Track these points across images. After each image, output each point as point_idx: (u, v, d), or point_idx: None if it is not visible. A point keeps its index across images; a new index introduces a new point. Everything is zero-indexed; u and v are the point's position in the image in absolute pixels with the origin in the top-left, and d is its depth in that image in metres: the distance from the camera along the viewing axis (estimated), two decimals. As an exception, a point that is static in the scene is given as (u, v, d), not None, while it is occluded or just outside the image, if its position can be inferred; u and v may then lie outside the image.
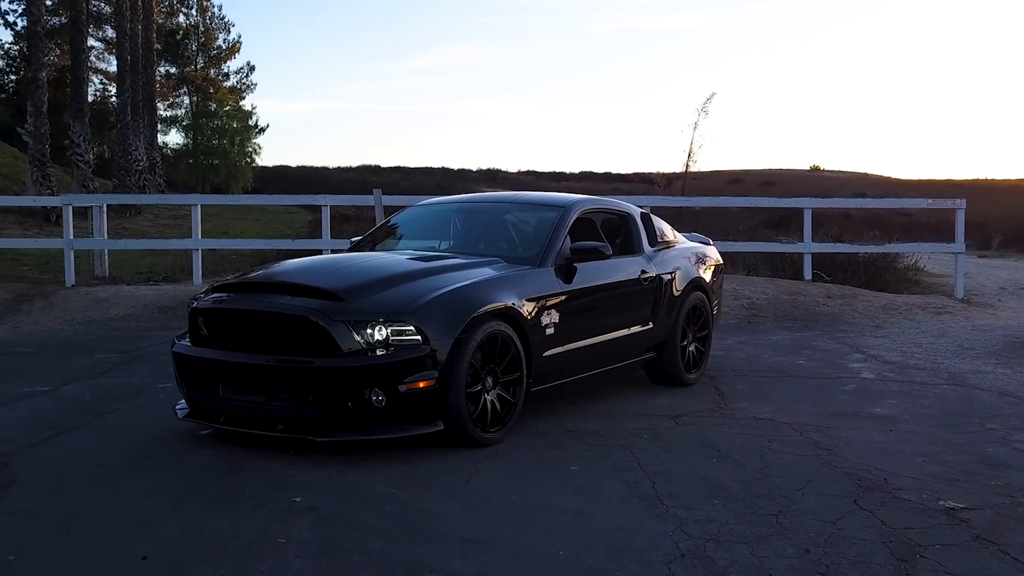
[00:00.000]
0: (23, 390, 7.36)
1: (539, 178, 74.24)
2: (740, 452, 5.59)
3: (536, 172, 78.55)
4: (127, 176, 28.34)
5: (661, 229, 7.79)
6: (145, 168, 30.89)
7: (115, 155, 29.39)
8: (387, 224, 7.53)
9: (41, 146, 22.42)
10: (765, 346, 9.85)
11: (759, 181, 65.36)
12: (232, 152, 45.37)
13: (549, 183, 65.89)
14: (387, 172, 69.69)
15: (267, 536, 4.06)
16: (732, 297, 13.05)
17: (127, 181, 28.30)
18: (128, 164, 28.41)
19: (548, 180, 70.61)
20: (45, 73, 23.49)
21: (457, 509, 4.46)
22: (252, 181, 46.48)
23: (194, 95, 47.04)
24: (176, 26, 46.49)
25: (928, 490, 4.91)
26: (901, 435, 6.13)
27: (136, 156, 29.82)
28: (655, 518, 4.39)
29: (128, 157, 28.43)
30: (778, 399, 7.17)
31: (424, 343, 5.25)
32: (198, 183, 43.97)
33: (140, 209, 28.10)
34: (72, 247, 13.98)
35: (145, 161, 31.04)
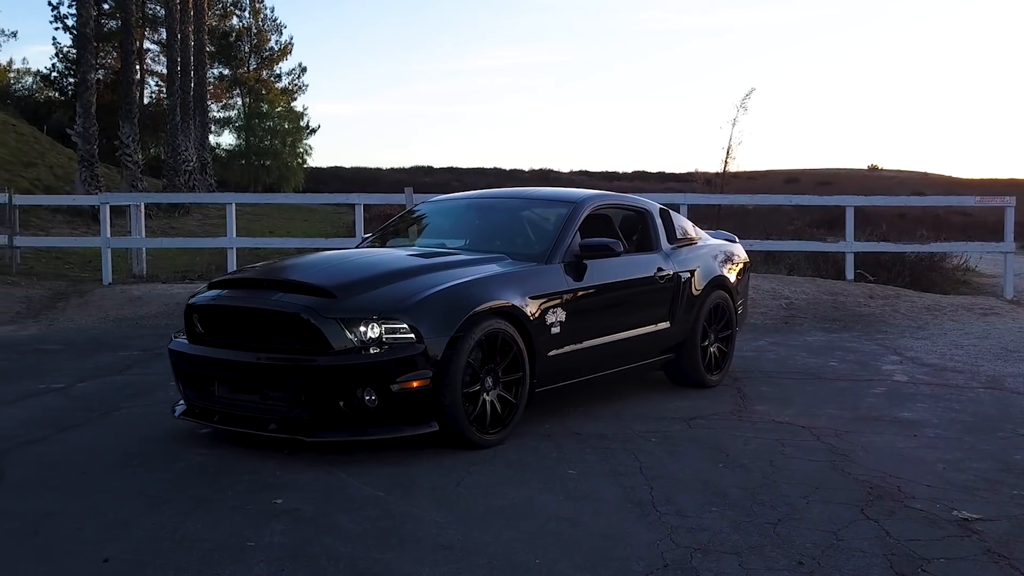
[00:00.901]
0: (38, 387, 7.35)
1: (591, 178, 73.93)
2: (750, 457, 5.36)
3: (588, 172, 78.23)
4: (176, 176, 28.65)
5: (682, 226, 7.56)
6: (195, 168, 31.22)
7: (164, 155, 29.72)
8: (397, 221, 7.40)
9: (90, 147, 22.70)
10: (798, 347, 9.57)
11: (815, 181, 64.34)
12: (283, 153, 45.72)
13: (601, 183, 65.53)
14: (439, 173, 69.86)
15: (237, 539, 3.94)
16: (770, 297, 12.77)
17: (176, 181, 28.61)
18: (177, 164, 28.72)
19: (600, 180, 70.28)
20: (94, 75, 23.79)
21: (440, 513, 4.30)
22: (303, 181, 46.80)
23: (246, 96, 47.51)
24: (229, 28, 46.99)
25: (943, 499, 4.64)
26: (925, 440, 5.86)
27: (186, 156, 30.14)
28: (645, 525, 4.19)
29: (177, 157, 28.73)
30: (802, 402, 6.91)
31: (418, 341, 5.10)
32: (250, 184, 44.39)
33: (189, 209, 28.41)
34: (109, 246, 14.08)
35: (195, 161, 31.36)
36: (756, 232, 18.86)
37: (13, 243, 15.02)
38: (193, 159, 31.05)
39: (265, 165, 45.60)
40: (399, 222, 7.38)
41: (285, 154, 45.78)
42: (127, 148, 25.45)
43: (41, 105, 48.33)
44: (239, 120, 47.26)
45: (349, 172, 64.80)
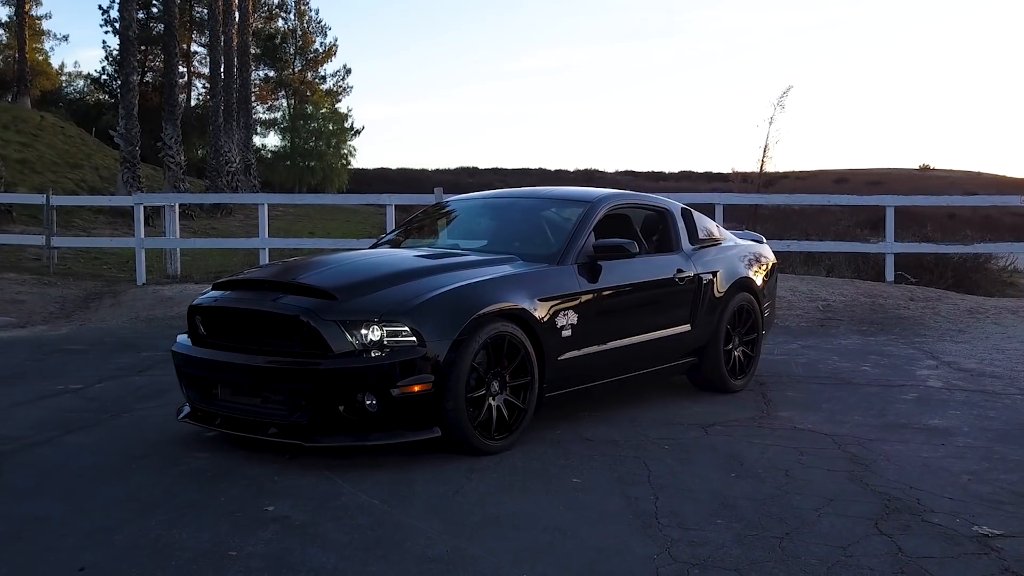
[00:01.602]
0: (56, 387, 7.34)
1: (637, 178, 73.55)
2: (765, 466, 5.16)
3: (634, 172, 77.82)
4: (219, 177, 28.86)
5: (705, 227, 7.36)
6: (239, 169, 31.44)
7: (208, 157, 29.95)
8: (411, 221, 7.28)
9: (132, 148, 22.91)
10: (831, 351, 9.31)
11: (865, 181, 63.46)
12: (327, 154, 45.96)
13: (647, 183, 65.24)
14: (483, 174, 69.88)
15: (220, 548, 3.83)
16: (807, 299, 12.50)
17: (219, 182, 28.82)
18: (220, 165, 28.93)
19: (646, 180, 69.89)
20: (137, 77, 24.00)
21: (433, 523, 4.17)
22: (347, 182, 47.01)
23: (291, 98, 47.84)
24: (274, 30, 47.34)
25: (964, 513, 4.41)
26: (953, 450, 5.61)
27: (229, 158, 30.35)
28: (644, 538, 4.02)
29: (220, 159, 28.94)
30: (828, 408, 6.68)
31: (420, 345, 4.97)
32: (295, 185, 44.70)
33: (232, 209, 28.62)
34: (143, 246, 14.16)
35: (238, 163, 31.58)
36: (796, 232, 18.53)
37: (51, 243, 15.15)
38: (236, 160, 31.26)
39: (309, 166, 45.87)
40: (413, 223, 7.26)
41: (329, 155, 46.01)
42: (170, 149, 25.66)
43: (91, 107, 49.12)
44: (284, 122, 47.57)
45: (394, 173, 65.06)
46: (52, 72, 51.74)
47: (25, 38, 38.08)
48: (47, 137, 30.39)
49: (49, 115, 35.20)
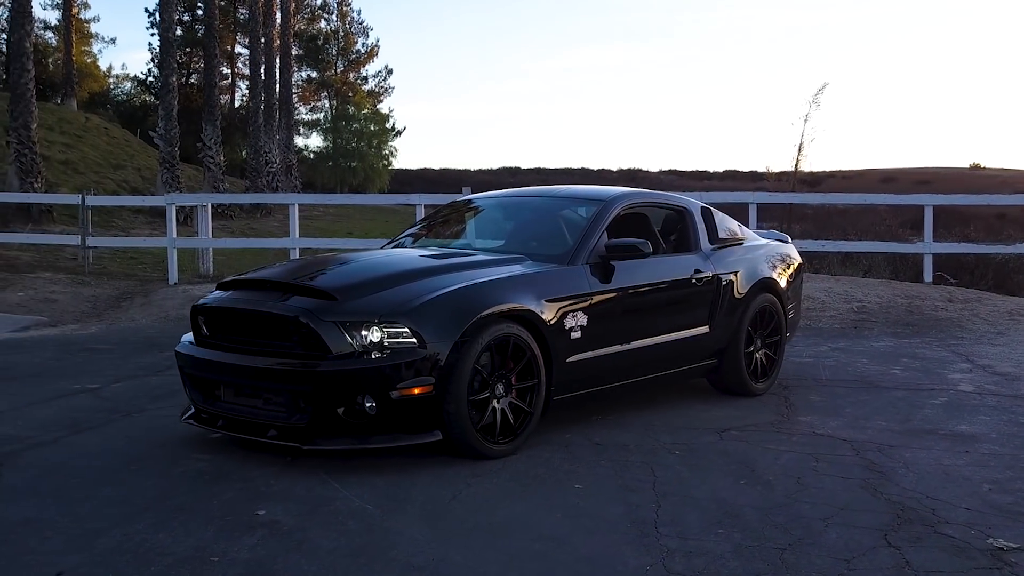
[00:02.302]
0: (73, 387, 7.34)
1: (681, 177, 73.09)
2: (777, 473, 5.00)
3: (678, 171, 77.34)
4: (259, 177, 29.05)
5: (726, 226, 7.18)
6: (279, 170, 31.63)
7: (247, 157, 30.16)
8: (423, 221, 7.18)
9: (171, 148, 23.11)
10: (861, 353, 9.08)
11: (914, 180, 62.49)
12: (369, 155, 46.12)
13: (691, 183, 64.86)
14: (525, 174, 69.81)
15: (203, 553, 3.76)
16: (842, 300, 12.26)
17: (259, 182, 29.01)
18: (260, 166, 29.12)
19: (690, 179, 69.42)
20: (175, 78, 24.22)
21: (423, 530, 4.06)
22: (388, 183, 47.16)
23: (334, 99, 48.07)
24: (316, 31, 47.59)
25: (980, 524, 4.23)
26: (977, 457, 5.41)
27: (269, 158, 30.54)
28: (638, 548, 3.88)
29: (260, 159, 29.13)
30: (851, 413, 6.49)
31: (420, 346, 4.87)
32: (337, 185, 44.92)
33: (272, 210, 28.81)
34: (175, 246, 14.23)
35: (279, 163, 31.77)
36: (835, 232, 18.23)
37: (86, 243, 15.29)
38: (276, 161, 31.45)
39: (351, 167, 46.07)
40: (426, 223, 7.17)
41: (371, 156, 46.17)
42: (209, 150, 25.88)
43: (137, 109, 49.77)
44: (326, 123, 47.83)
45: (436, 174, 65.22)
46: (100, 74, 52.54)
47: (72, 41, 38.64)
48: (91, 138, 30.81)
49: (94, 117, 35.71)
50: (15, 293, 13.09)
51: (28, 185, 19.52)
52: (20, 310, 12.30)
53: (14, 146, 19.62)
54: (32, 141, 19.75)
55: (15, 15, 19.70)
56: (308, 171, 44.59)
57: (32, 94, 19.80)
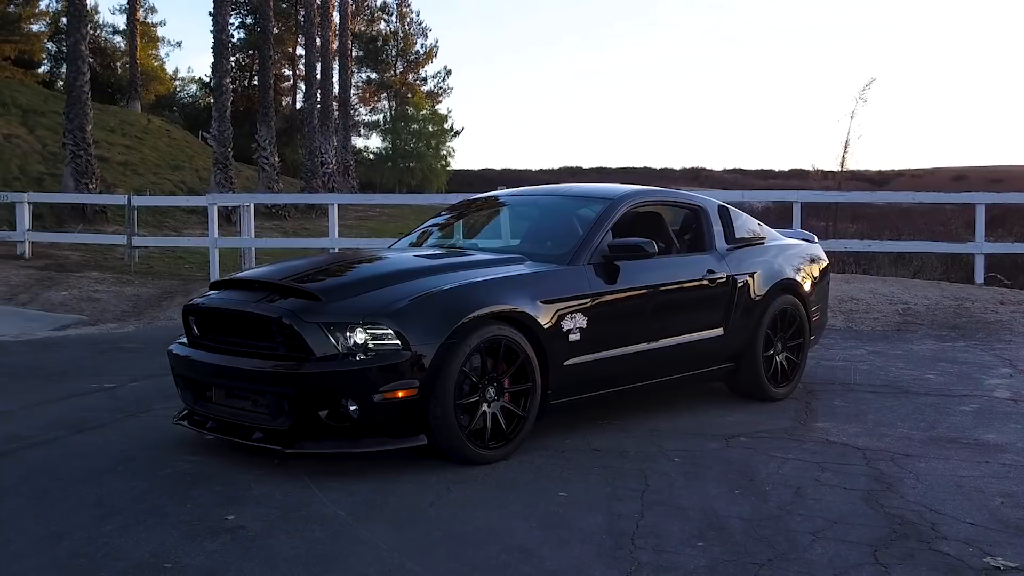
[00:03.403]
0: (90, 386, 7.37)
1: (745, 176, 72.25)
2: (775, 483, 4.79)
3: (742, 170, 76.43)
4: (313, 178, 29.25)
5: (746, 225, 6.94)
6: (335, 171, 31.84)
7: (302, 158, 30.42)
8: (434, 221, 7.06)
9: (224, 149, 23.37)
10: (899, 357, 8.76)
11: (986, 178, 60.90)
12: (427, 155, 46.27)
13: (755, 181, 64.09)
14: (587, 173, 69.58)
15: (157, 560, 3.68)
16: (887, 301, 11.90)
17: (313, 183, 29.21)
18: (314, 167, 29.32)
19: (754, 178, 68.59)
20: (229, 80, 24.48)
21: (391, 538, 3.94)
22: (446, 183, 47.29)
23: (393, 100, 48.32)
24: (376, 33, 47.87)
25: (981, 541, 3.98)
26: (996, 468, 5.13)
27: (325, 159, 30.75)
28: (608, 561, 3.72)
29: (314, 160, 29.33)
30: (873, 419, 6.23)
31: (404, 348, 4.75)
32: (395, 186, 45.13)
33: (326, 210, 28.97)
34: (216, 245, 14.36)
35: (335, 164, 31.98)
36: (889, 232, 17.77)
37: (131, 243, 15.48)
38: (332, 162, 31.66)
39: (409, 167, 46.26)
40: (435, 222, 7.04)
41: (429, 156, 46.31)
42: (264, 151, 26.13)
43: (201, 111, 50.56)
44: (386, 123, 48.10)
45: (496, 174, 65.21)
46: (166, 77, 53.48)
47: (136, 44, 39.38)
48: (152, 140, 31.32)
49: (157, 118, 36.33)
50: (60, 292, 13.29)
51: (83, 186, 19.85)
52: (62, 309, 12.47)
53: (69, 148, 19.98)
54: (87, 143, 20.09)
55: (71, 19, 20.06)
56: (367, 172, 44.87)
57: (87, 96, 20.14)
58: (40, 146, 24.71)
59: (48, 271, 14.75)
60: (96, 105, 33.27)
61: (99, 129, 28.73)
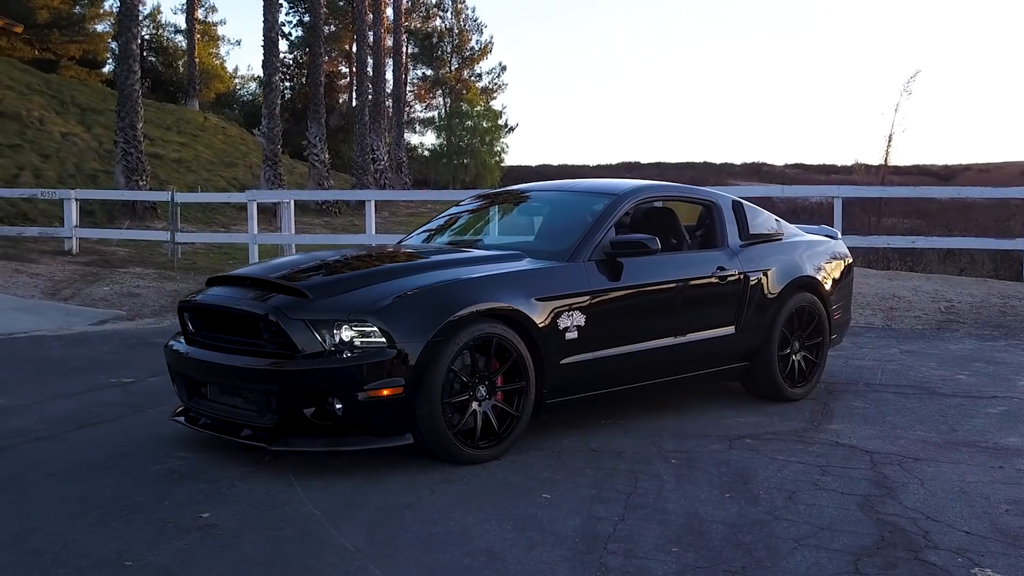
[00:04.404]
0: (109, 380, 7.43)
1: (806, 171, 71.07)
2: (770, 487, 4.64)
3: (804, 165, 75.19)
4: (364, 175, 29.40)
5: (761, 221, 6.76)
6: (387, 167, 31.99)
7: (353, 154, 30.60)
8: (443, 217, 6.99)
9: (274, 146, 23.58)
10: (932, 356, 8.50)
11: (1060, 171, 59.24)
12: (481, 152, 46.30)
13: (817, 176, 62.97)
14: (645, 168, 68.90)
15: (120, 558, 3.66)
16: (930, 299, 11.58)
17: (364, 179, 29.36)
18: (365, 163, 29.46)
19: (816, 173, 67.40)
20: (278, 77, 24.69)
21: (359, 539, 3.88)
22: (500, 179, 47.27)
23: (447, 96, 48.42)
24: (432, 29, 48.01)
25: (973, 551, 3.81)
26: (1010, 474, 4.93)
27: (377, 156, 30.90)
28: (574, 566, 3.62)
29: (365, 156, 29.48)
30: (891, 421, 6.04)
31: (389, 346, 4.68)
32: (449, 182, 45.21)
33: (378, 206, 29.12)
34: (255, 241, 14.47)
35: (386, 160, 32.13)
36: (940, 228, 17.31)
37: (175, 239, 15.68)
38: (384, 158, 31.81)
39: (463, 163, 46.33)
40: (443, 219, 6.97)
41: (482, 153, 46.33)
42: (314, 148, 26.32)
43: (260, 108, 51.09)
44: (440, 120, 48.24)
45: (554, 170, 65.00)
46: (226, 75, 54.17)
47: (195, 43, 39.94)
48: (207, 137, 31.73)
49: (213, 116, 36.80)
50: (102, 287, 13.49)
51: (133, 183, 20.16)
52: (102, 304, 12.65)
53: (120, 145, 20.30)
54: (138, 140, 20.39)
55: (122, 19, 20.37)
56: (421, 168, 45.05)
57: (138, 95, 20.44)
58: (97, 144, 25.15)
59: (93, 267, 14.99)
60: (153, 103, 33.87)
61: (155, 127, 29.22)
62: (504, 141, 47.87)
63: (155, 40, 49.58)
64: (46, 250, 16.41)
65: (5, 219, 18.51)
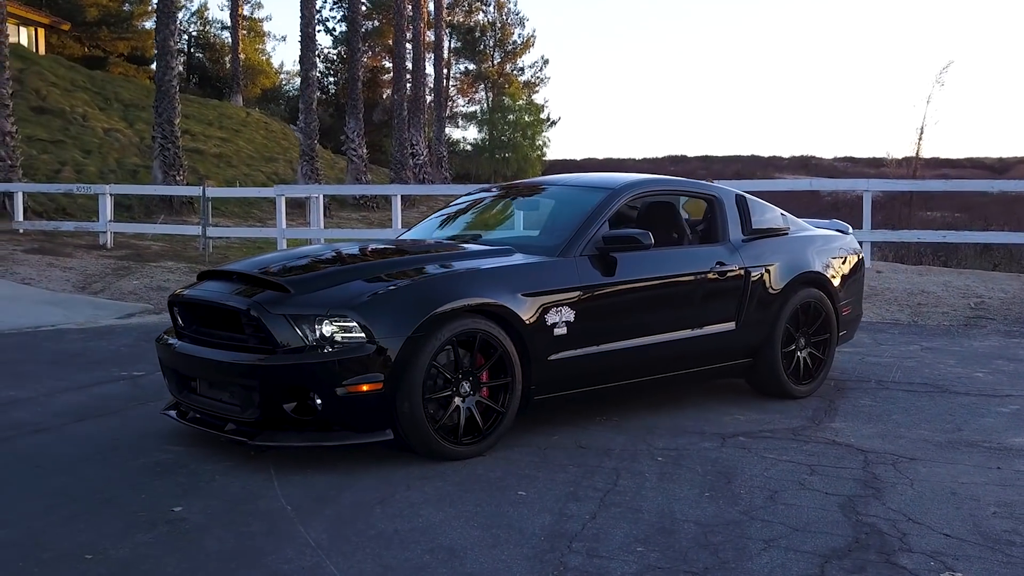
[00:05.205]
0: (120, 373, 7.50)
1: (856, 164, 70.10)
2: (753, 486, 4.56)
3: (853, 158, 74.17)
4: (403, 169, 29.51)
5: (765, 215, 6.64)
6: (426, 162, 32.06)
7: (391, 149, 30.71)
8: (444, 212, 6.96)
9: (310, 141, 23.74)
10: (954, 354, 8.32)
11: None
12: (523, 146, 46.25)
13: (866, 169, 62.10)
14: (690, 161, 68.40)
15: (82, 551, 3.68)
16: (960, 295, 11.37)
17: (403, 174, 29.47)
18: (403, 158, 29.57)
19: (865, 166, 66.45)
20: (316, 72, 24.85)
21: (322, 535, 3.87)
22: (541, 174, 47.23)
23: (490, 91, 48.41)
24: (474, 24, 48.02)
25: (948, 555, 3.71)
26: (1007, 475, 4.80)
27: (416, 150, 30.99)
28: (533, 564, 3.57)
29: (403, 151, 29.58)
30: (895, 420, 5.92)
31: (369, 342, 4.67)
32: (490, 176, 45.23)
33: (415, 201, 29.25)
34: (284, 236, 14.57)
35: (426, 155, 32.20)
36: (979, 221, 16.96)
37: (206, 233, 15.84)
38: (423, 153, 31.89)
39: (505, 158, 46.32)
40: (443, 214, 6.94)
41: (524, 147, 46.28)
42: (352, 143, 26.46)
43: (304, 104, 51.54)
44: (483, 114, 48.25)
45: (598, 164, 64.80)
46: (272, 71, 54.69)
47: (238, 39, 40.34)
48: (248, 132, 32.05)
49: (255, 112, 37.15)
50: (132, 281, 13.67)
51: (170, 178, 20.41)
52: (131, 298, 12.82)
53: (158, 141, 20.56)
54: (175, 136, 20.64)
55: (160, 15, 20.62)
56: (463, 163, 45.11)
57: (175, 91, 20.68)
58: (138, 139, 25.51)
59: (126, 260, 15.19)
60: (197, 99, 34.28)
61: (197, 122, 29.57)
62: (546, 135, 47.81)
63: (202, 36, 50.20)
64: (81, 244, 16.67)
65: (44, 213, 18.84)
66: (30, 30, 34.84)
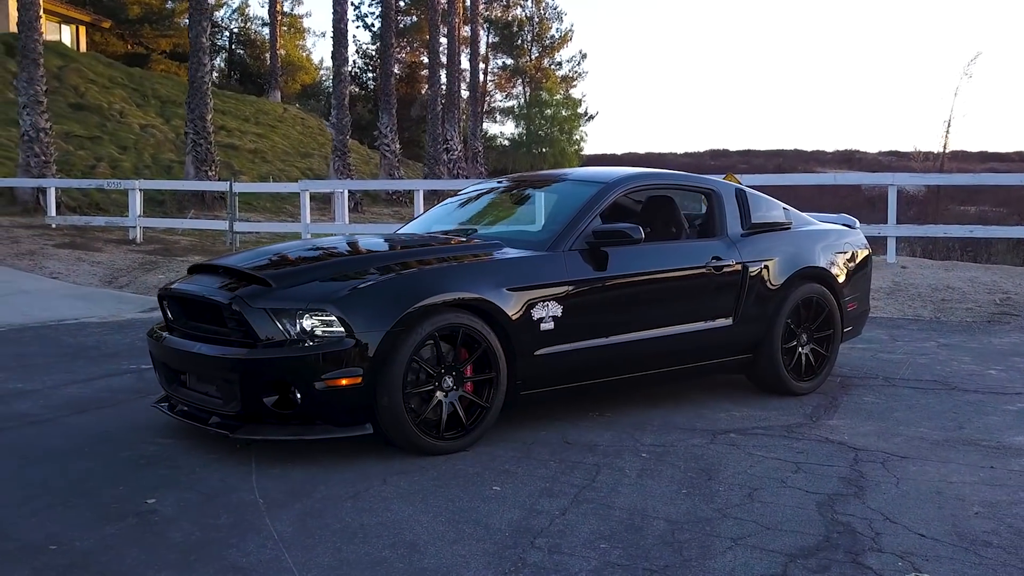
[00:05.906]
0: (129, 367, 7.58)
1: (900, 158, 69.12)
2: (734, 483, 4.50)
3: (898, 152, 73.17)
4: (436, 164, 29.57)
5: (765, 210, 6.55)
6: (460, 157, 32.10)
7: (425, 144, 30.79)
8: (445, 204, 6.94)
9: (343, 136, 23.84)
10: (970, 351, 8.17)
11: None
12: (560, 140, 46.15)
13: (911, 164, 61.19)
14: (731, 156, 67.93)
15: (47, 542, 3.70)
16: (985, 291, 11.15)
17: (437, 169, 29.53)
18: (437, 153, 29.63)
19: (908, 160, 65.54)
20: (348, 68, 24.94)
21: (287, 529, 3.87)
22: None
23: (527, 85, 48.34)
24: (512, 19, 47.97)
25: (919, 555, 3.63)
26: (998, 474, 4.70)
27: (450, 145, 31.03)
28: (491, 561, 3.55)
29: (437, 146, 29.63)
30: (896, 418, 5.82)
31: (348, 336, 4.66)
32: (527, 171, 45.24)
33: (444, 196, 29.31)
34: (308, 231, 14.65)
35: (461, 150, 32.24)
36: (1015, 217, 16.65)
37: (233, 228, 15.98)
38: (458, 148, 31.93)
39: (542, 153, 46.25)
40: (443, 208, 6.93)
41: (561, 141, 46.18)
42: (385, 138, 26.55)
43: (344, 99, 51.80)
44: (520, 109, 48.21)
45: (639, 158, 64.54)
46: (311, 67, 55.03)
47: (276, 35, 40.62)
48: (284, 128, 32.28)
49: (292, 108, 37.39)
50: (157, 275, 13.81)
51: (203, 173, 20.61)
52: (155, 292, 12.94)
53: (191, 137, 20.76)
54: (207, 131, 20.84)
55: (193, 12, 20.81)
56: (499, 157, 45.10)
57: (208, 87, 20.87)
58: (173, 135, 25.79)
59: (153, 255, 15.36)
60: (234, 95, 34.57)
61: (233, 118, 29.83)
62: (583, 130, 47.66)
63: (243, 33, 50.63)
64: (111, 239, 16.88)
65: (79, 208, 19.11)
66: (72, 28, 35.36)
